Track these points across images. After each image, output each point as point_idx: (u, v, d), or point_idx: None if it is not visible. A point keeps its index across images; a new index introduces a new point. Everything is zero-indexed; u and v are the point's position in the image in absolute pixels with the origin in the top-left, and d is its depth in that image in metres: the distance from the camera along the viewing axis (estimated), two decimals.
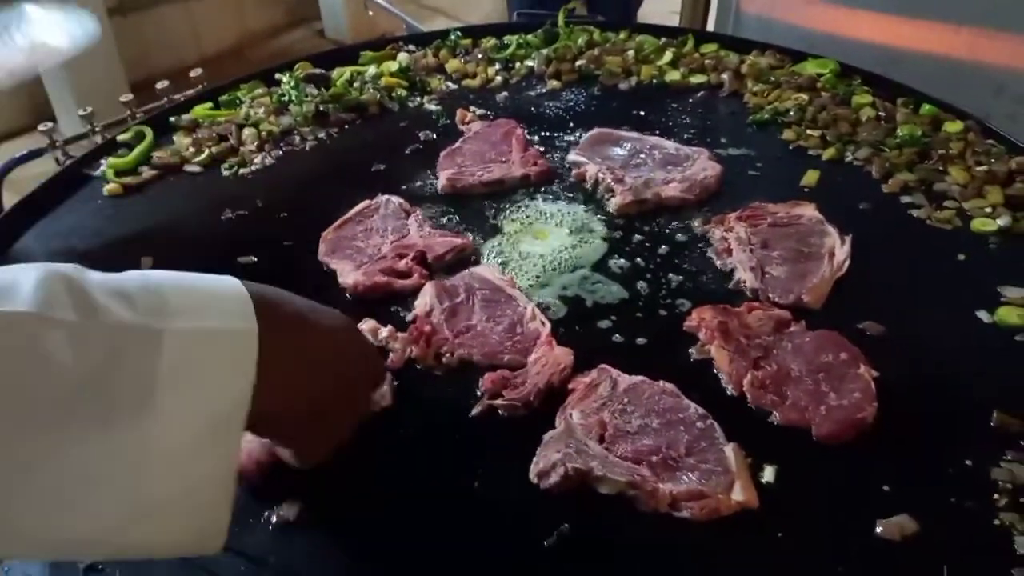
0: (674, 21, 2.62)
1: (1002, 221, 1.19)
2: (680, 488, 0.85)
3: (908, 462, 0.89)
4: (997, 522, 0.82)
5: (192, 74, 1.89)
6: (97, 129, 1.76)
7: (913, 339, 1.04)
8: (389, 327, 1.05)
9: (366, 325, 1.06)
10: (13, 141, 3.56)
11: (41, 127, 1.77)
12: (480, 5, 4.93)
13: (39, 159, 1.72)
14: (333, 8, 4.75)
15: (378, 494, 0.87)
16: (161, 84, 1.83)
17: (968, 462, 0.88)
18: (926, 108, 1.44)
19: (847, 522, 0.83)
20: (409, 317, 1.09)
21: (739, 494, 0.84)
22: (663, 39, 1.71)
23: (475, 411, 0.96)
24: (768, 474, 0.88)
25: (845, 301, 1.09)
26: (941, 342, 1.03)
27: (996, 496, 0.84)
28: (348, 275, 1.14)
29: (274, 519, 0.84)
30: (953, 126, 1.39)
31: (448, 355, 1.03)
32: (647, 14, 3.36)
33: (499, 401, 0.96)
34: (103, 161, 1.38)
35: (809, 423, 0.92)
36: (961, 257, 1.16)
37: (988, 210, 1.22)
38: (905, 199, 1.27)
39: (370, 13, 3.08)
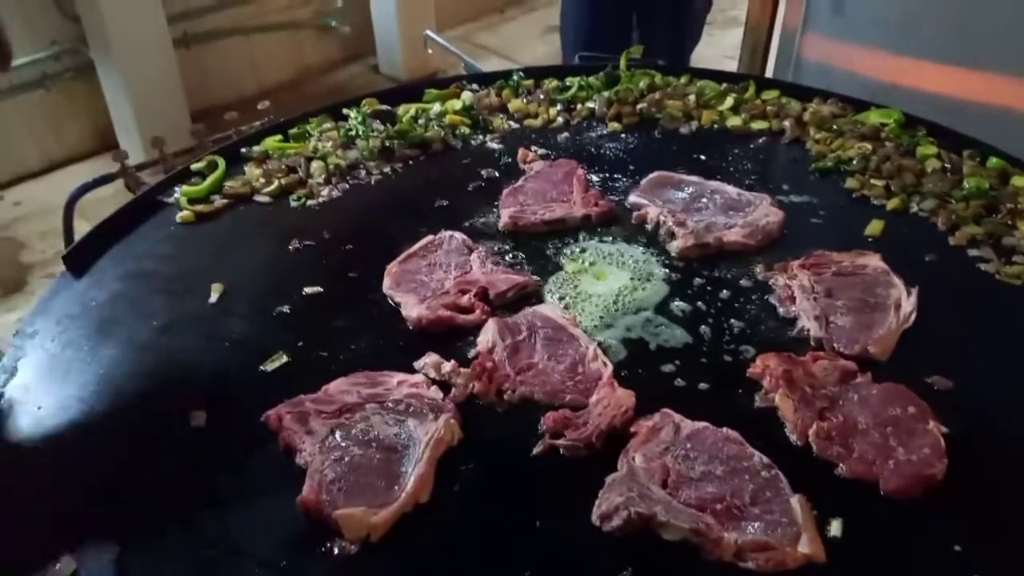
0: (727, 66, 2.64)
1: None
2: (745, 538, 0.84)
3: (979, 521, 0.87)
4: None
5: (259, 106, 1.95)
6: (168, 156, 1.82)
7: (982, 395, 1.02)
8: (452, 362, 1.06)
9: (429, 359, 1.07)
10: (76, 166, 3.67)
11: (112, 154, 1.84)
12: (532, 48, 4.99)
13: (105, 184, 1.78)
14: (389, 45, 4.85)
15: (438, 529, 0.87)
16: (230, 115, 1.89)
17: None
18: (993, 161, 1.42)
19: None
20: (471, 353, 1.10)
21: (806, 547, 0.83)
22: (724, 84, 1.72)
23: (536, 450, 0.96)
24: (835, 528, 0.86)
25: (912, 354, 1.08)
26: (1011, 399, 1.01)
27: None
28: (412, 308, 1.15)
29: (336, 551, 0.85)
30: (1022, 180, 1.37)
31: (509, 392, 1.03)
32: (700, 59, 3.38)
33: (561, 441, 0.96)
34: (177, 189, 1.42)
35: (877, 477, 0.91)
36: None
37: None
38: (972, 252, 1.26)
39: (429, 51, 3.14)
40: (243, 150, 1.52)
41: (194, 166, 1.47)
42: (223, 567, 0.84)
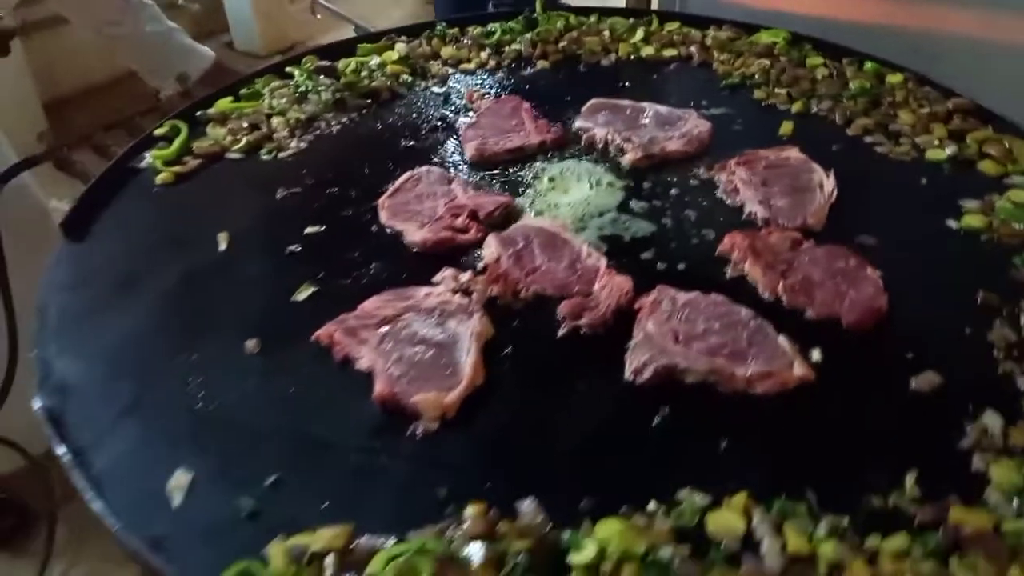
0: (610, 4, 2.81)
1: (950, 150, 1.43)
2: (752, 370, 1.03)
3: (921, 335, 1.10)
4: (1001, 370, 1.04)
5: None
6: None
7: (900, 246, 1.25)
8: (469, 272, 1.19)
9: (447, 272, 1.19)
10: None
11: (37, 135, 1.80)
12: (388, 12, 5.03)
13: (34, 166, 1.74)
14: (242, 20, 4.75)
15: (498, 404, 1.01)
16: (164, 93, 1.88)
17: (967, 330, 1.10)
18: (868, 65, 1.68)
19: (886, 382, 1.03)
20: (479, 266, 1.22)
21: (799, 370, 1.03)
22: (631, 19, 1.90)
23: (562, 331, 1.11)
24: (815, 355, 1.06)
25: (839, 221, 1.30)
26: (923, 246, 1.26)
27: (996, 352, 1.06)
28: (415, 233, 1.27)
29: (419, 431, 0.97)
30: (894, 78, 1.63)
31: (524, 291, 1.17)
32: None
33: (582, 321, 1.11)
34: (146, 155, 1.44)
35: (838, 315, 1.12)
36: (923, 181, 1.39)
37: (936, 143, 1.46)
38: (868, 139, 1.50)
39: (318, 16, 3.16)
40: (198, 113, 1.55)
41: (157, 132, 1.49)
42: (321, 458, 0.94)
